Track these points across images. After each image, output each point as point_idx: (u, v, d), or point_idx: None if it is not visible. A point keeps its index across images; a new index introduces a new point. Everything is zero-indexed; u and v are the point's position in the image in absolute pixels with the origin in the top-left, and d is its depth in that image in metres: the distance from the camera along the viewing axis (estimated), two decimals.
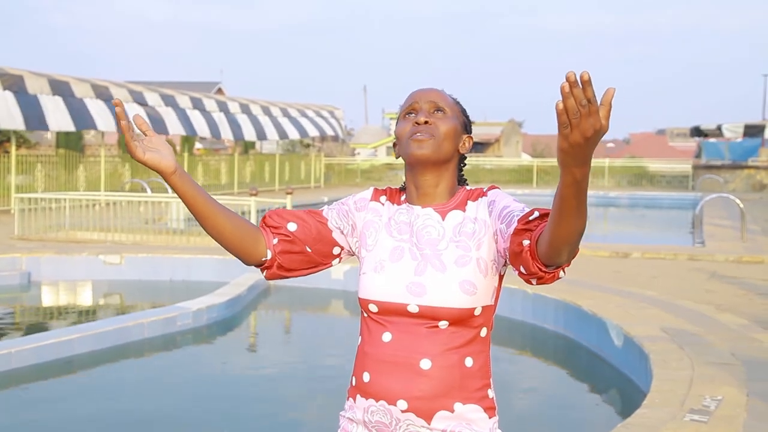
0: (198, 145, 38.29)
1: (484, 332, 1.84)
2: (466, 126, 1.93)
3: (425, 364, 1.77)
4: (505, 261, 1.79)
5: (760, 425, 4.19)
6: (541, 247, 1.59)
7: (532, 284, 1.68)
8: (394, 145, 1.93)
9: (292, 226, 1.89)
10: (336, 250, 1.94)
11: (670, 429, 4.08)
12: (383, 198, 1.96)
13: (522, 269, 1.66)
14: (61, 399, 5.83)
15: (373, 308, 1.84)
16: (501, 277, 1.85)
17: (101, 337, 6.73)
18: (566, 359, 7.29)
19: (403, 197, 1.94)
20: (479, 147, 45.04)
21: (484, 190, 1.88)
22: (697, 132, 36.24)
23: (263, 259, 1.89)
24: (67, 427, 5.28)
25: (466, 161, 1.97)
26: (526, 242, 1.63)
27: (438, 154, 1.83)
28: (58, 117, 17.53)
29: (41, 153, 23.48)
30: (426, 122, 1.84)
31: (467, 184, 1.97)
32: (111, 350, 6.75)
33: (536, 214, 1.65)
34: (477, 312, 1.79)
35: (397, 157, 1.92)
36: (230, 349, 7.61)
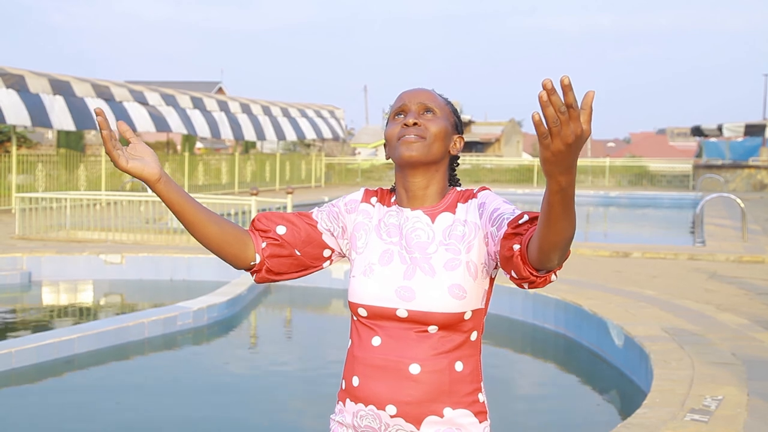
0: (199, 144, 38.32)
1: (474, 336, 1.81)
2: (457, 126, 1.89)
3: (414, 368, 1.76)
4: (496, 264, 1.76)
5: (760, 425, 4.19)
6: (532, 252, 1.56)
7: (524, 288, 1.66)
8: (385, 146, 1.90)
9: (281, 230, 1.87)
10: (326, 253, 1.91)
11: (671, 429, 4.08)
12: (374, 199, 1.93)
13: (513, 273, 1.63)
14: (61, 399, 5.83)
15: (362, 312, 1.82)
16: (492, 280, 1.82)
17: (101, 336, 6.73)
18: (566, 359, 7.28)
19: (393, 199, 1.91)
20: (480, 147, 45.09)
21: (474, 191, 1.85)
22: (697, 132, 36.22)
23: (252, 263, 1.86)
24: (68, 427, 5.28)
25: (458, 162, 1.94)
26: (516, 247, 1.61)
27: (428, 155, 1.80)
28: (60, 116, 17.57)
29: (42, 152, 23.50)
30: (415, 123, 1.80)
31: (459, 185, 1.94)
32: (111, 350, 6.75)
33: (525, 218, 1.63)
34: (467, 316, 1.77)
35: (387, 158, 1.89)
36: (231, 349, 7.60)
